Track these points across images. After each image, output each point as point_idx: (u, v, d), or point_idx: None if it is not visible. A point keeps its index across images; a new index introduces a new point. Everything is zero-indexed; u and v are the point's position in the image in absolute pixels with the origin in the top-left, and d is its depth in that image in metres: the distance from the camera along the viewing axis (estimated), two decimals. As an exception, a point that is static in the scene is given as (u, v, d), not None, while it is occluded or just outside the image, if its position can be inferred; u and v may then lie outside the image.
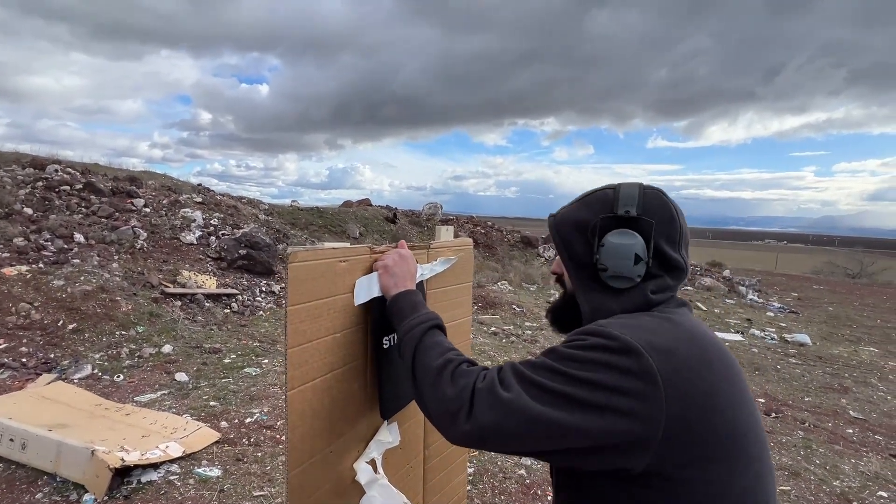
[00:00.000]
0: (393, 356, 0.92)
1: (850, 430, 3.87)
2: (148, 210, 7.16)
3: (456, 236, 1.23)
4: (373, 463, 0.88)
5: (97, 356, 4.02)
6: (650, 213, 0.72)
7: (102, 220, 6.42)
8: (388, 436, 0.91)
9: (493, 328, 5.95)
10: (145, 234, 6.40)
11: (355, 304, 0.84)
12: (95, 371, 3.80)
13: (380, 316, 0.88)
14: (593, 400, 0.58)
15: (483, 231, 13.54)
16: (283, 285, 6.52)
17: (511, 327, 6.21)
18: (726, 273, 13.66)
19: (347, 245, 0.81)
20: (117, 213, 6.70)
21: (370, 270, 0.89)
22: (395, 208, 14.25)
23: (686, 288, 10.65)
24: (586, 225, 0.74)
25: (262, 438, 2.95)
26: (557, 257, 0.83)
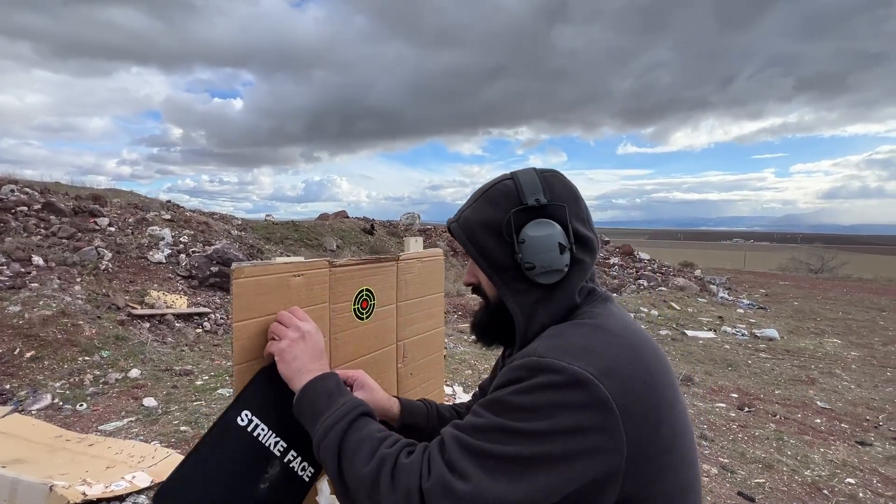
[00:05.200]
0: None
1: (819, 420, 4.01)
2: (113, 229, 6.90)
3: (433, 246, 1.23)
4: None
5: (58, 385, 3.82)
6: (558, 196, 0.68)
7: (63, 241, 6.15)
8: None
9: (473, 336, 5.95)
10: (110, 255, 6.16)
11: None
12: (56, 401, 3.60)
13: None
14: (558, 451, 0.53)
15: (461, 240, 13.61)
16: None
17: (491, 335, 6.22)
18: (698, 273, 14.09)
19: (302, 259, 0.79)
20: (79, 234, 6.44)
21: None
22: (373, 219, 14.19)
23: (660, 288, 10.92)
24: (498, 224, 0.67)
25: (235, 462, 2.85)
26: (469, 265, 0.76)
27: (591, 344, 0.59)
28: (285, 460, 0.75)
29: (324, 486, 0.82)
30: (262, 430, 0.72)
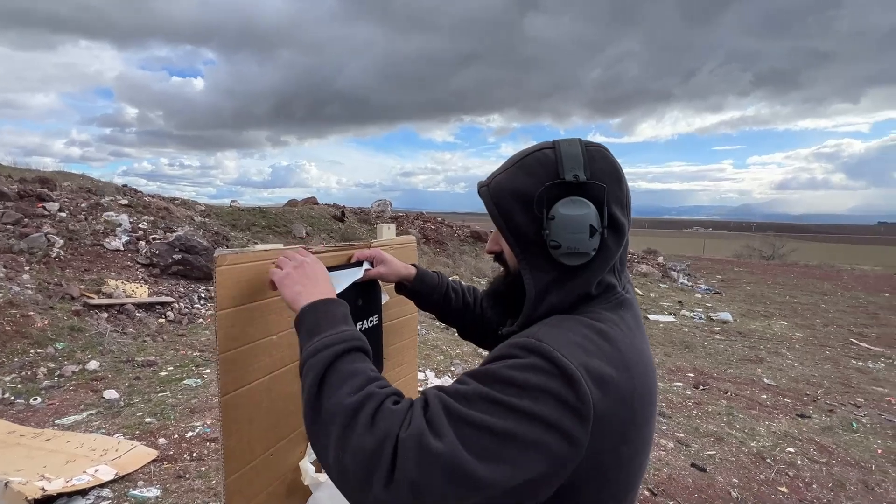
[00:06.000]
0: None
1: (765, 396, 4.33)
2: (64, 214, 6.50)
3: (405, 233, 1.24)
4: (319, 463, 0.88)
5: (8, 379, 3.62)
6: (599, 175, 0.64)
7: (8, 227, 5.74)
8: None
9: (443, 324, 6.02)
10: (62, 242, 5.81)
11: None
12: (6, 395, 3.41)
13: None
14: (529, 436, 0.52)
15: (433, 227, 13.60)
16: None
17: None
18: (660, 259, 14.69)
19: (280, 246, 0.80)
20: (26, 219, 6.02)
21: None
22: (343, 206, 13.95)
23: (625, 275, 11.34)
24: (529, 195, 0.64)
25: (205, 452, 2.80)
26: (494, 232, 0.73)
27: (588, 348, 0.58)
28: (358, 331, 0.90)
29: (308, 465, 0.83)
30: None
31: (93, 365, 3.97)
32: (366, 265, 0.96)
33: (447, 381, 4.11)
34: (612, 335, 0.61)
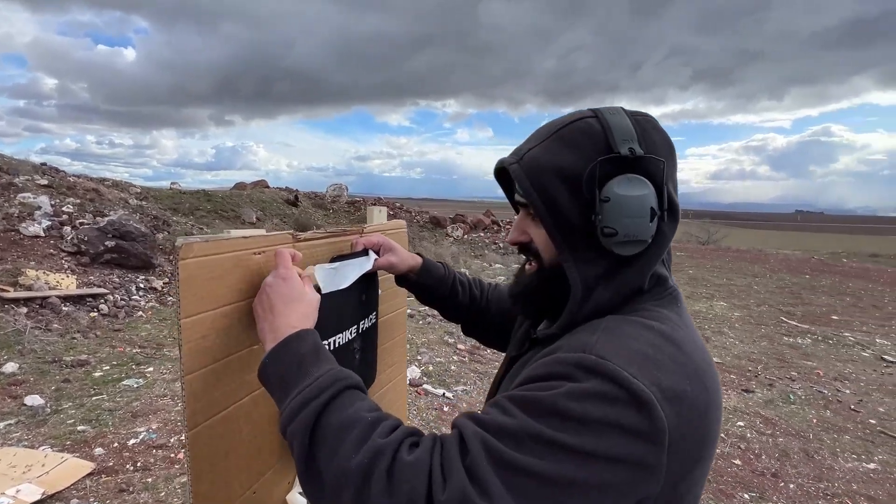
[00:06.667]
0: None
1: (714, 374, 4.61)
2: (-33, 196, 5.66)
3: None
4: (306, 492, 0.74)
5: None
6: (655, 148, 0.54)
7: None
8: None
9: (409, 310, 5.89)
10: (-35, 227, 5.06)
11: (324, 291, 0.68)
12: None
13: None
14: (596, 479, 0.44)
15: (391, 212, 13.35)
16: (168, 280, 5.67)
17: (426, 308, 6.21)
18: (611, 245, 15.34)
19: (262, 232, 0.63)
20: (-82, 200, 5.18)
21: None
22: (297, 190, 13.34)
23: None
24: (577, 172, 0.53)
25: (151, 461, 2.53)
26: (518, 220, 0.62)
27: (658, 357, 0.49)
28: (360, 331, 0.86)
29: (297, 498, 0.69)
30: (334, 341, 0.76)
31: (10, 367, 3.49)
32: (372, 254, 0.83)
33: (414, 371, 4.00)
34: (679, 339, 0.52)
